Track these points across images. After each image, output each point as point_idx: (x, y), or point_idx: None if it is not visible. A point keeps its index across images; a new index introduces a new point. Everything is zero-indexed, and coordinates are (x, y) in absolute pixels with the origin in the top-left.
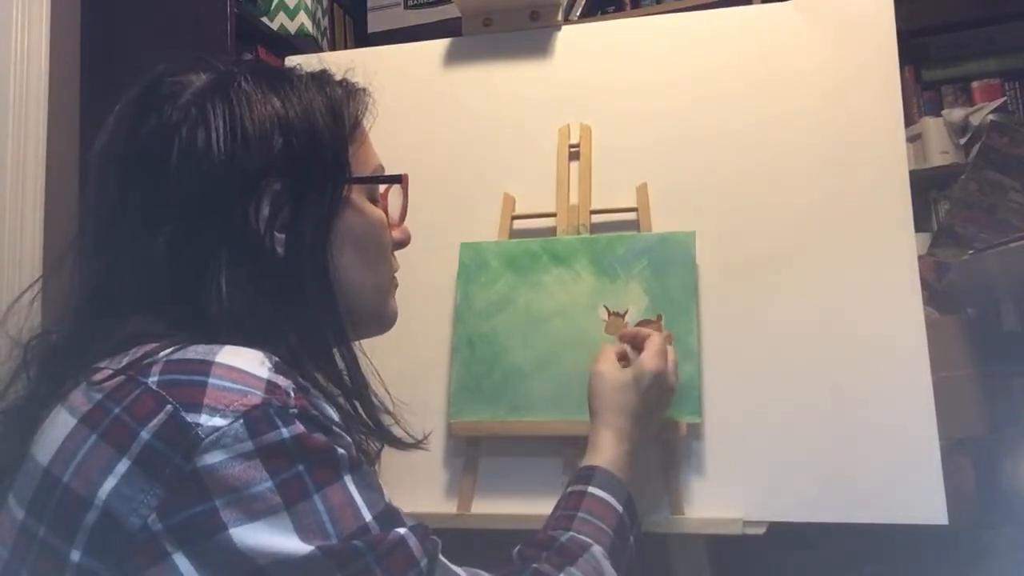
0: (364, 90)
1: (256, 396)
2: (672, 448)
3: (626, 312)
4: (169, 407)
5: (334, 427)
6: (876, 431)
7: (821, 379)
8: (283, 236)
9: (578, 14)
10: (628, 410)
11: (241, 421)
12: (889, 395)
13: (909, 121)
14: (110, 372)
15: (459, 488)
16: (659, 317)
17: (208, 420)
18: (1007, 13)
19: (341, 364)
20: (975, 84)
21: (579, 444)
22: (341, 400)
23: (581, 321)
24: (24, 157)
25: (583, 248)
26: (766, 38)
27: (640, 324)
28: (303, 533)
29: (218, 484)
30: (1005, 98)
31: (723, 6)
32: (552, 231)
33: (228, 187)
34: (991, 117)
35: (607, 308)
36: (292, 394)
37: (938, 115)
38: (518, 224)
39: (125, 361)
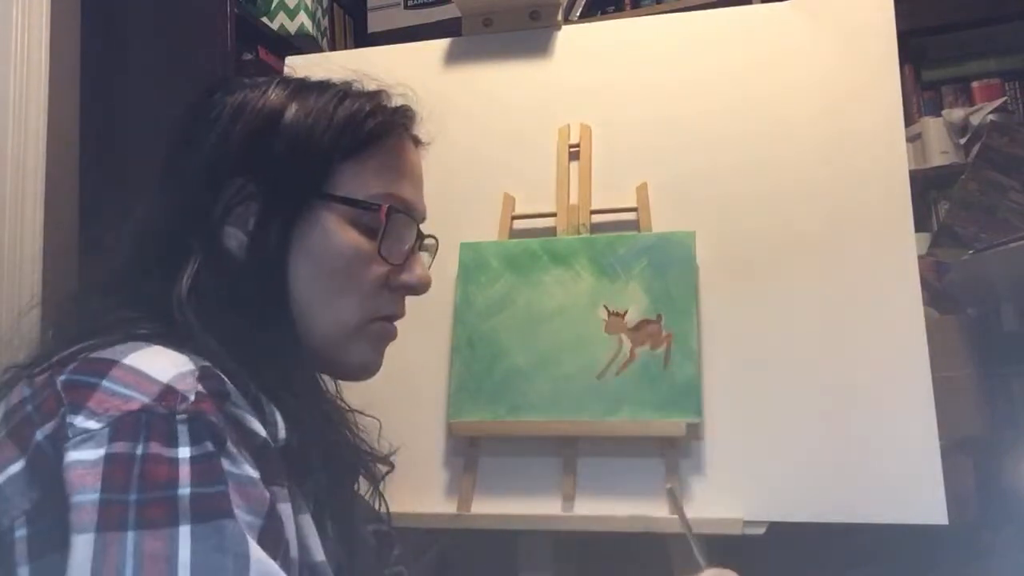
0: (409, 116)
1: (137, 402)
2: (672, 448)
3: (626, 312)
4: (63, 408)
5: (247, 446)
6: (876, 431)
7: (821, 379)
8: (246, 239)
9: (578, 14)
10: None
11: (109, 427)
12: (889, 395)
13: (909, 121)
14: (44, 365)
15: (459, 488)
16: (659, 317)
17: (83, 422)
18: (1007, 13)
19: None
20: (975, 84)
21: (579, 444)
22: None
23: (581, 321)
24: (24, 157)
25: (583, 248)
26: (765, 39)
27: (640, 324)
28: (97, 566)
29: (67, 487)
30: (1005, 98)
31: (723, 6)
32: (552, 231)
33: (201, 179)
34: (991, 117)
35: (607, 308)
36: (191, 397)
37: (938, 115)
38: (518, 224)
39: (58, 356)
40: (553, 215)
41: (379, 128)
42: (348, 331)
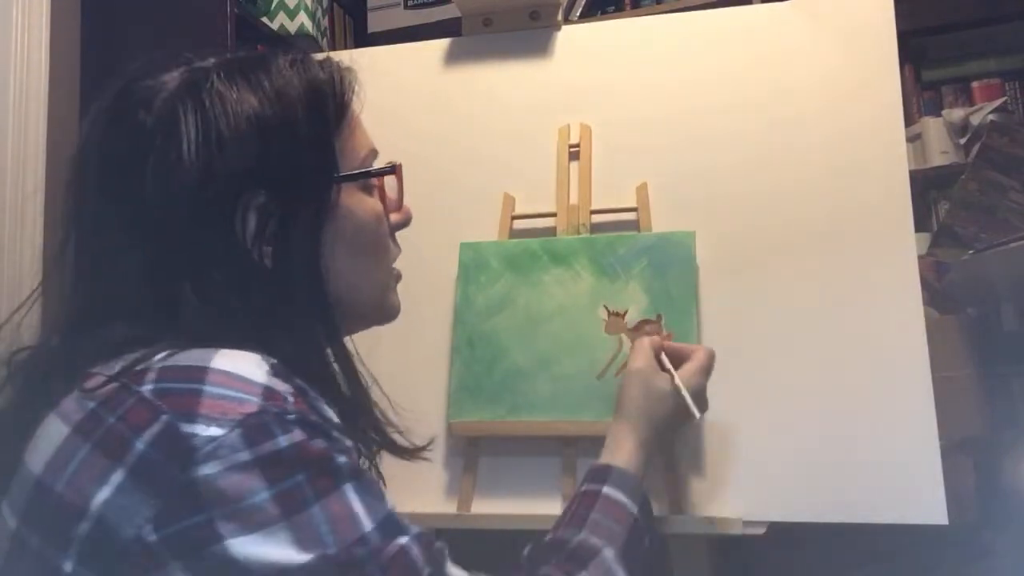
0: (349, 70)
1: (253, 404)
2: (673, 447)
3: (626, 312)
4: (165, 417)
5: (334, 431)
6: (876, 431)
7: (821, 379)
8: (270, 248)
9: (578, 14)
10: (658, 420)
11: (238, 430)
12: (889, 395)
13: (909, 121)
14: (103, 379)
15: (459, 488)
16: (659, 317)
17: (205, 430)
18: (1007, 13)
19: (337, 368)
20: (975, 84)
21: (579, 444)
22: (343, 402)
23: (581, 321)
24: (24, 157)
25: (583, 248)
26: (766, 38)
27: (640, 323)
28: (302, 544)
29: (215, 495)
30: (1005, 98)
31: (723, 6)
32: (552, 231)
33: (206, 202)
34: (991, 117)
35: (607, 308)
36: (290, 399)
37: (938, 115)
38: (518, 224)
39: (118, 367)
40: (553, 215)
41: (350, 93)
42: (382, 286)
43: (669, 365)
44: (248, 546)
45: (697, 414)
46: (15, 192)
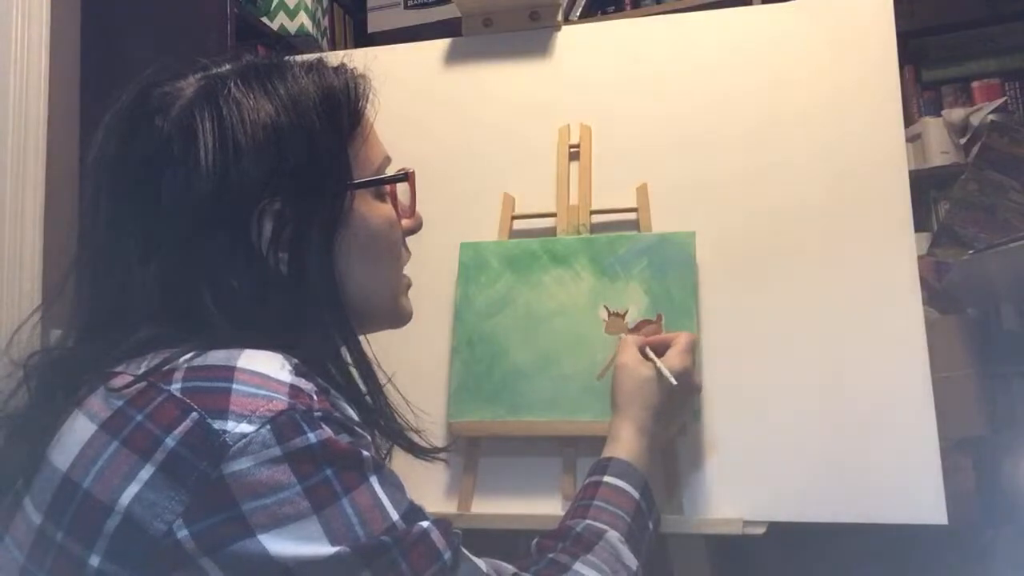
0: (364, 76)
1: (281, 401)
2: (672, 448)
3: (626, 312)
4: (195, 414)
5: (356, 427)
6: (876, 431)
7: (821, 379)
8: (286, 255)
9: (578, 14)
10: (650, 406)
11: (268, 427)
12: (889, 395)
13: (909, 121)
14: (130, 378)
15: (459, 488)
16: (659, 317)
17: (235, 427)
18: (1007, 13)
19: (355, 369)
20: (975, 84)
21: (579, 444)
22: (365, 399)
23: (581, 321)
24: (24, 157)
25: (583, 248)
26: (766, 38)
27: (640, 324)
28: (332, 537)
29: (245, 490)
30: (1005, 98)
31: (723, 6)
32: (552, 231)
33: (223, 209)
34: (991, 117)
35: (607, 308)
36: (315, 397)
37: (938, 115)
38: (518, 224)
39: (144, 367)
40: (553, 215)
41: (364, 100)
42: (395, 291)
43: (652, 354)
44: (279, 540)
45: (673, 381)
46: (15, 192)
